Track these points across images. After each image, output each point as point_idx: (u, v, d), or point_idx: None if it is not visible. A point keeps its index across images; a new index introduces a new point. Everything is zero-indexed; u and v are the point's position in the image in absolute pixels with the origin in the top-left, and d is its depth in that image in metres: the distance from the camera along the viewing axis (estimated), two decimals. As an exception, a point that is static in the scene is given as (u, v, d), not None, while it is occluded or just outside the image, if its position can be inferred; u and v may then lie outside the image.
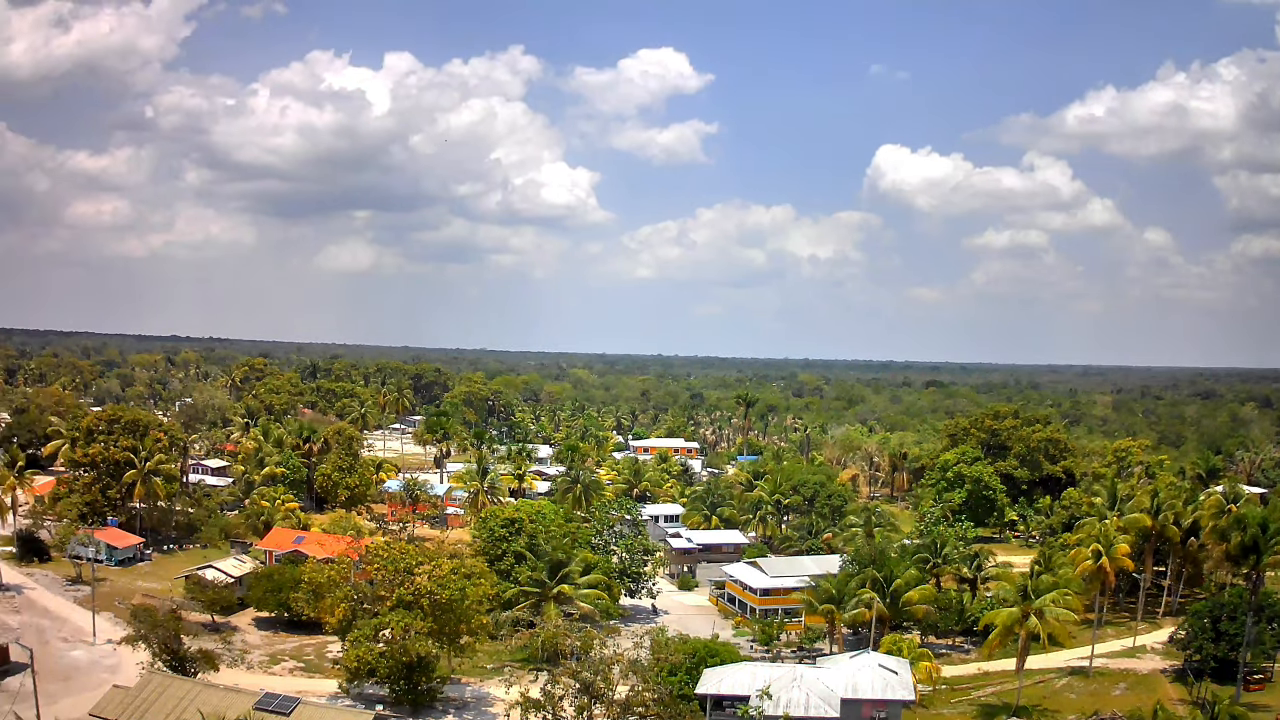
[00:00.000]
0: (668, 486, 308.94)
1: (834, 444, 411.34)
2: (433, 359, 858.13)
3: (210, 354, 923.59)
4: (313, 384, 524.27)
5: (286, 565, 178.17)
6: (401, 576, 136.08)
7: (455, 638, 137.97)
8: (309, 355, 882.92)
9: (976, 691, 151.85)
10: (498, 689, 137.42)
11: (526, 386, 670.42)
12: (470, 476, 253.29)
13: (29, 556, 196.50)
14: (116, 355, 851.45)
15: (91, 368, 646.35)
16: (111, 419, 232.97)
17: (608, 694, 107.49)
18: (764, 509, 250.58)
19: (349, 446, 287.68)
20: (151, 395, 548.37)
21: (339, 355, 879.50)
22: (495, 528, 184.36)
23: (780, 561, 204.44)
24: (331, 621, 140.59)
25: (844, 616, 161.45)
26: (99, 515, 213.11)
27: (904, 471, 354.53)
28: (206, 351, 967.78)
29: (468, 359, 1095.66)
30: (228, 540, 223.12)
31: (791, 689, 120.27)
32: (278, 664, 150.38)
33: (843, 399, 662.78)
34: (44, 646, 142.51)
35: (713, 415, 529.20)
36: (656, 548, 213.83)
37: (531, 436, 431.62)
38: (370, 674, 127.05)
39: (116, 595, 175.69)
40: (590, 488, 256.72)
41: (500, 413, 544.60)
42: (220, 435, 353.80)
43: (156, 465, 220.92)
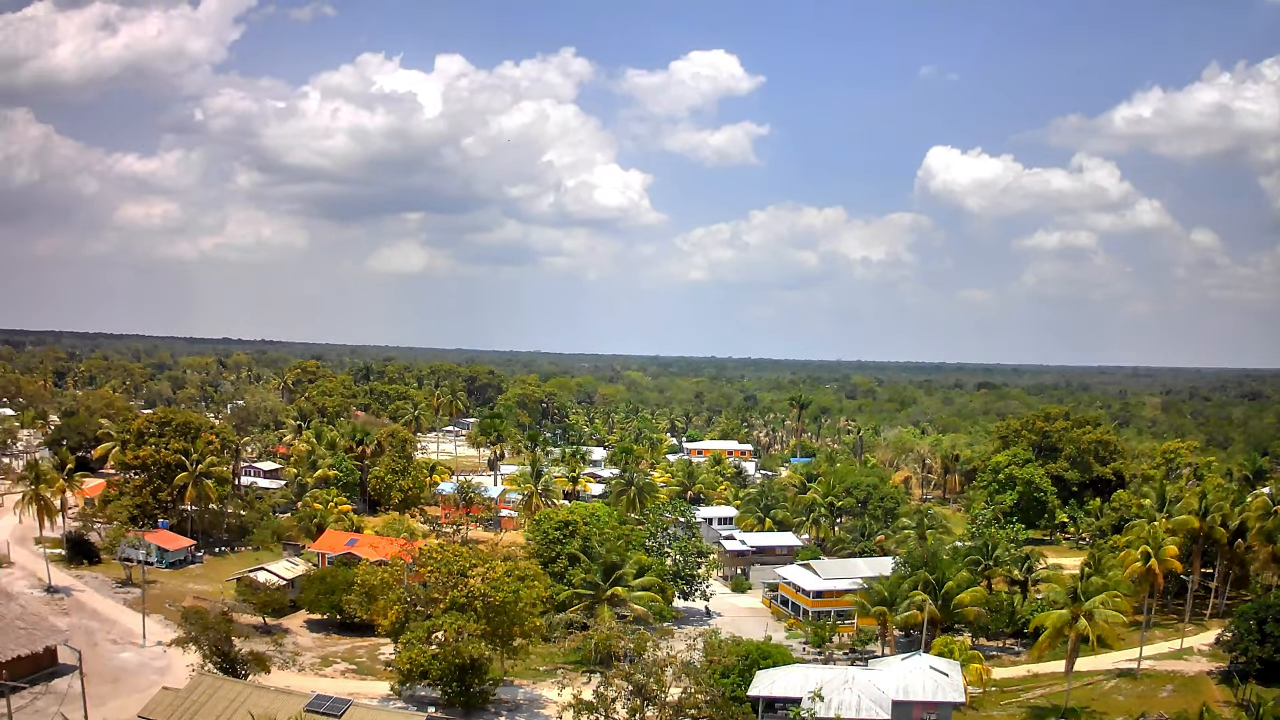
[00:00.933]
0: (721, 489, 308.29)
1: (887, 446, 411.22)
2: (486, 361, 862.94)
3: (262, 356, 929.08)
4: (366, 386, 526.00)
5: (339, 568, 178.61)
6: (455, 579, 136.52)
7: (508, 640, 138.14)
8: (362, 358, 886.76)
9: (1026, 694, 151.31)
10: (550, 691, 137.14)
11: (580, 389, 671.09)
12: (524, 479, 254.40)
13: (78, 559, 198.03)
14: (168, 358, 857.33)
15: (142, 370, 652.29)
16: (163, 421, 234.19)
17: (660, 696, 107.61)
18: (817, 511, 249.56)
19: (402, 449, 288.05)
20: (203, 398, 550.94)
21: (392, 358, 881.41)
22: (549, 530, 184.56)
23: (833, 564, 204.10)
24: (384, 624, 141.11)
25: (896, 618, 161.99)
26: (149, 518, 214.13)
27: (956, 474, 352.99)
28: (258, 354, 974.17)
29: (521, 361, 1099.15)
30: (280, 543, 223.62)
31: (843, 691, 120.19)
32: (329, 666, 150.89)
33: (895, 401, 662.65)
34: (93, 648, 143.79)
35: (766, 417, 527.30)
36: (710, 550, 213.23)
37: (585, 439, 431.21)
38: (423, 676, 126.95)
39: (167, 597, 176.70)
40: (644, 490, 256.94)
41: (554, 415, 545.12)
42: (272, 438, 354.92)
43: (208, 468, 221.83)
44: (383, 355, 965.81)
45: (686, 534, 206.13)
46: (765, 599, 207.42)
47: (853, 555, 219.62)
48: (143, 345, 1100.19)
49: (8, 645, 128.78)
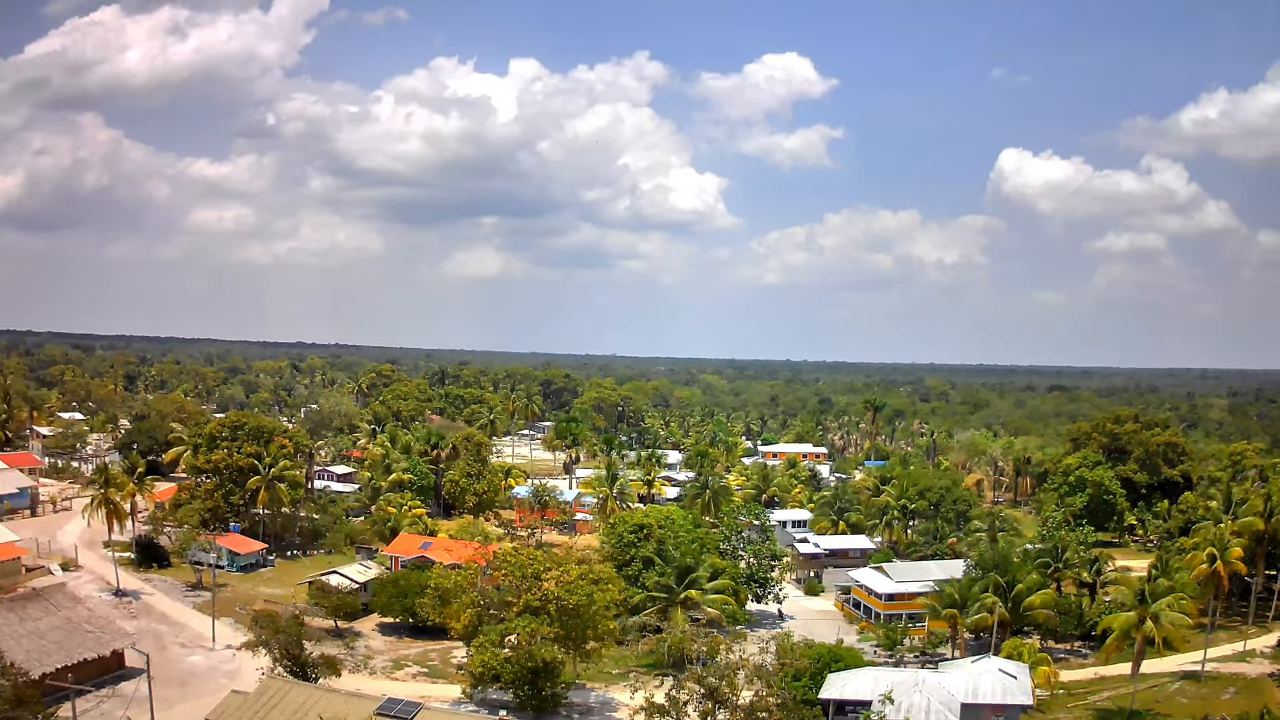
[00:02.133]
0: (796, 492, 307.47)
1: (959, 449, 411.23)
2: (562, 365, 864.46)
3: (337, 360, 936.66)
4: (441, 390, 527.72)
5: (413, 571, 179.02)
6: (529, 582, 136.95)
7: (581, 643, 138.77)
8: (437, 361, 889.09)
9: (1092, 696, 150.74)
10: (622, 694, 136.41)
11: (656, 392, 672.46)
12: (599, 482, 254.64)
13: (148, 562, 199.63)
14: (240, 362, 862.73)
15: (215, 374, 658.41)
16: (235, 425, 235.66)
17: (732, 699, 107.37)
18: (890, 514, 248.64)
19: (477, 453, 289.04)
20: (276, 402, 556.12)
21: (468, 361, 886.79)
22: (624, 533, 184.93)
23: (905, 566, 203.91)
24: (457, 627, 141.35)
25: (966, 621, 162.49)
26: (221, 521, 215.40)
27: (1027, 476, 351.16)
28: (333, 358, 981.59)
29: (597, 365, 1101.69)
30: (353, 546, 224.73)
31: (913, 693, 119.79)
32: (401, 669, 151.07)
33: (968, 404, 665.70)
34: (161, 652, 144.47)
35: (841, 420, 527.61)
36: (784, 553, 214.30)
37: (661, 442, 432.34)
38: (494, 679, 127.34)
39: (237, 601, 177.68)
40: (719, 493, 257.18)
41: (630, 419, 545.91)
42: (346, 441, 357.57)
43: (281, 471, 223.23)
44: (458, 359, 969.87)
45: (761, 537, 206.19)
46: (838, 602, 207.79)
47: (925, 558, 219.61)
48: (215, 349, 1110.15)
49: (74, 648, 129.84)
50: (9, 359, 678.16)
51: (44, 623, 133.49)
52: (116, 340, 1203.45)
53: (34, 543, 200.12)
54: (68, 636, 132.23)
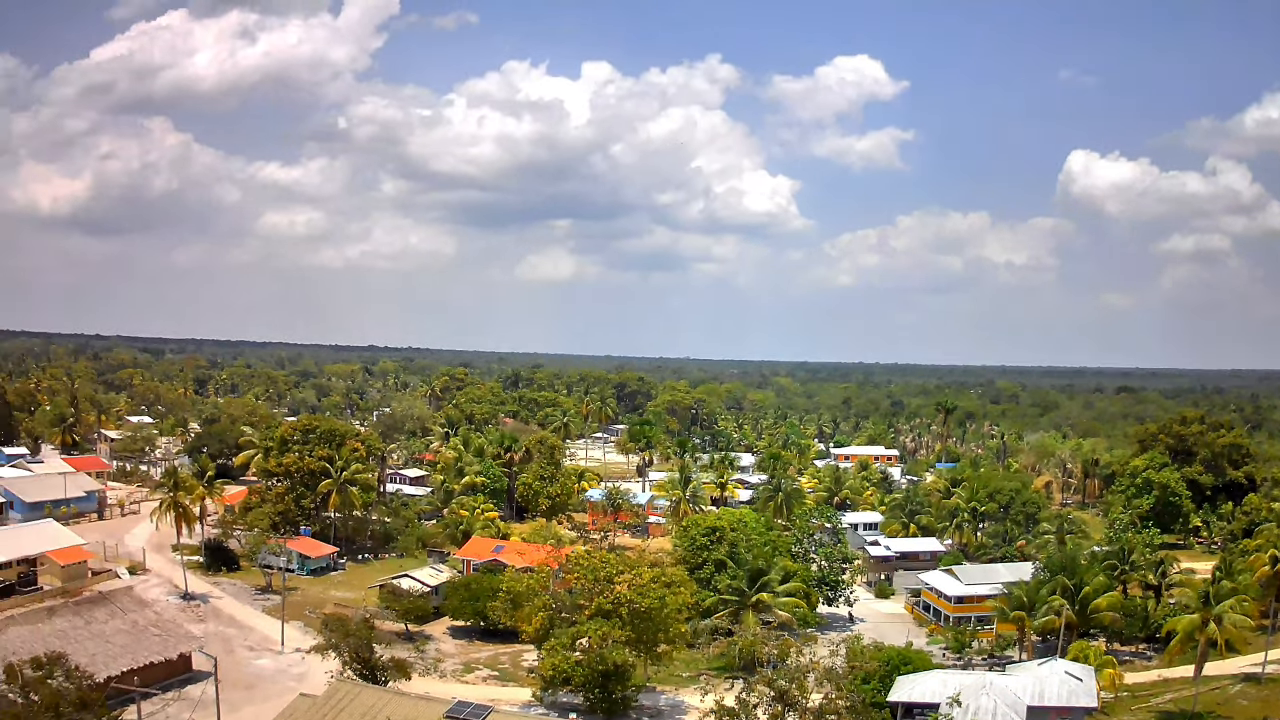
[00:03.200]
0: (867, 495, 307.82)
1: (1029, 451, 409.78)
2: (636, 368, 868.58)
3: (409, 364, 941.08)
4: (515, 393, 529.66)
5: (484, 574, 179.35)
6: (601, 585, 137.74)
7: (653, 646, 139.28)
8: (511, 364, 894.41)
9: (1155, 698, 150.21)
10: (692, 697, 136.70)
11: (729, 395, 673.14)
12: (672, 485, 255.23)
13: (217, 566, 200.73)
14: (312, 365, 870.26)
15: (286, 378, 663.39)
16: (307, 429, 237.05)
17: (801, 701, 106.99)
18: (960, 516, 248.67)
19: (551, 455, 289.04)
20: (348, 405, 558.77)
21: (541, 364, 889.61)
22: (697, 536, 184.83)
23: (975, 569, 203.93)
24: (529, 630, 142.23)
25: (1034, 624, 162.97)
26: (292, 525, 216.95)
27: (1095, 478, 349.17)
28: (405, 361, 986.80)
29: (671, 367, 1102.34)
30: (425, 549, 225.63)
31: (980, 696, 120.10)
32: (471, 673, 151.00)
33: (1037, 406, 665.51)
34: (229, 655, 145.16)
35: (912, 423, 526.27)
36: (855, 556, 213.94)
37: (734, 445, 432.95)
38: (565, 682, 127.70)
39: (307, 604, 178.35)
40: (791, 496, 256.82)
41: (703, 421, 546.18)
42: (419, 445, 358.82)
43: (353, 475, 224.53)
44: (532, 362, 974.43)
45: (832, 540, 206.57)
46: (907, 604, 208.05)
47: (994, 560, 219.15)
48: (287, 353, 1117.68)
49: (140, 652, 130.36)
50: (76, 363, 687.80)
51: (110, 626, 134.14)
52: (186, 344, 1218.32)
53: (101, 546, 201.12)
54: (134, 640, 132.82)
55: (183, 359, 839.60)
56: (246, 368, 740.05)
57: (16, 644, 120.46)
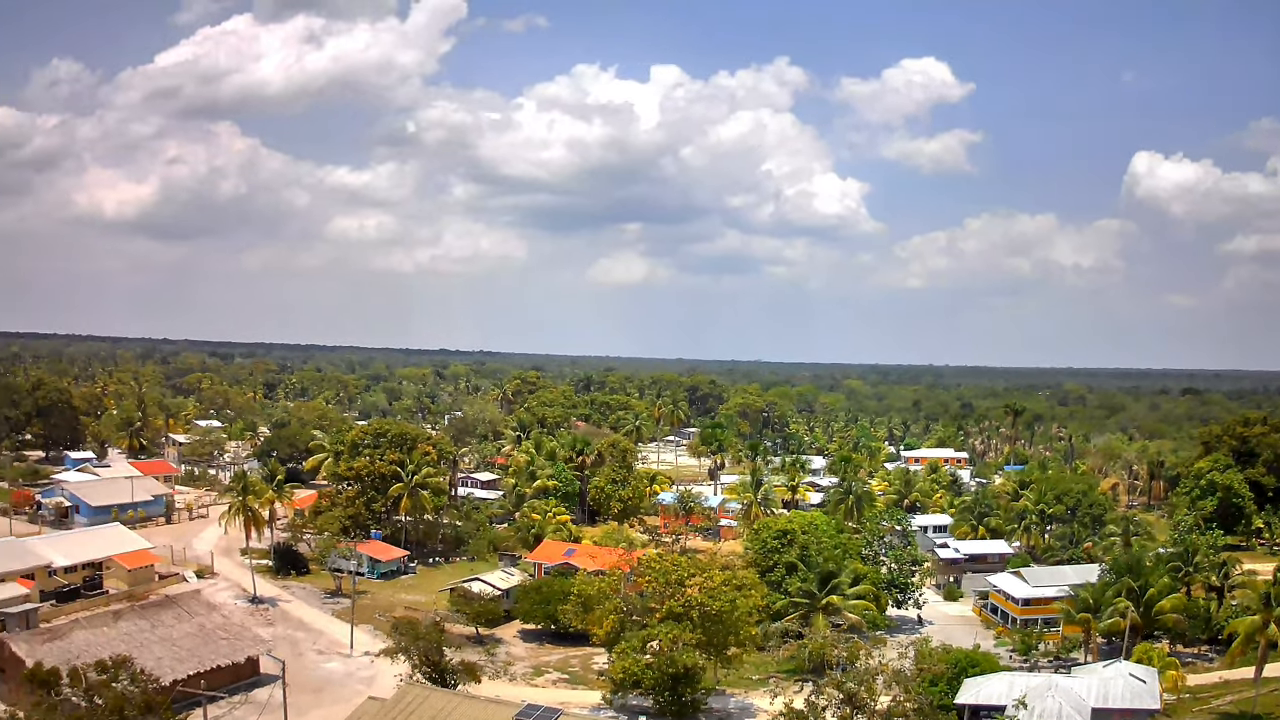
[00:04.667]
0: (937, 497, 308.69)
1: (1096, 452, 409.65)
2: (708, 371, 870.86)
3: (481, 368, 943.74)
4: (587, 397, 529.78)
5: (556, 578, 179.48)
6: (673, 588, 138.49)
7: (723, 649, 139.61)
8: (583, 368, 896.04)
9: (1216, 700, 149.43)
10: (762, 700, 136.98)
11: (801, 398, 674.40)
12: (744, 488, 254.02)
13: (286, 570, 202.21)
14: (383, 369, 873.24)
15: (357, 382, 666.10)
16: (378, 432, 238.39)
17: (870, 704, 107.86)
18: (1028, 519, 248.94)
19: (623, 459, 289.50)
20: (420, 409, 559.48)
21: (613, 368, 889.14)
22: (768, 539, 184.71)
23: (1042, 571, 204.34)
24: (599, 633, 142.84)
25: (1099, 625, 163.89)
26: (362, 528, 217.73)
27: (1160, 480, 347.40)
28: (477, 365, 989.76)
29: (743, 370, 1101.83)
30: (496, 553, 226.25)
31: (1045, 698, 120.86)
32: (541, 676, 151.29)
33: (1104, 407, 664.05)
34: (297, 658, 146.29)
35: (981, 425, 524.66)
36: (925, 558, 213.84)
37: (805, 448, 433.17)
38: (635, 685, 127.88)
39: (377, 608, 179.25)
40: (862, 499, 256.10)
41: (775, 424, 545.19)
42: (491, 448, 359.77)
43: (424, 479, 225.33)
44: (604, 365, 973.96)
45: (902, 542, 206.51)
46: (975, 607, 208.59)
47: (1061, 563, 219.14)
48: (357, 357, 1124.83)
49: (207, 655, 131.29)
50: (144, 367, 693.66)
51: (176, 629, 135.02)
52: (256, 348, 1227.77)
53: (169, 550, 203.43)
54: (201, 643, 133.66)
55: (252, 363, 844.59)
56: (316, 371, 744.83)
57: (81, 647, 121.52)
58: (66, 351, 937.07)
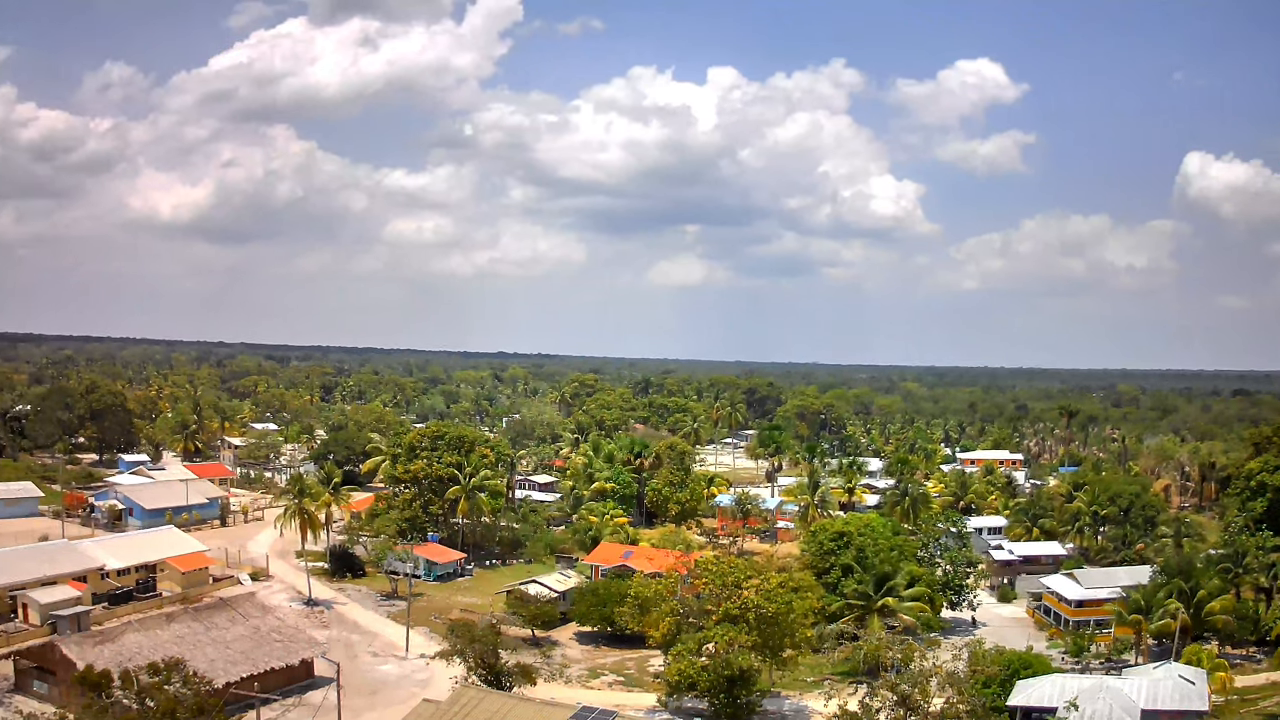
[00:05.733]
0: (992, 499, 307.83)
1: (1148, 454, 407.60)
2: (766, 373, 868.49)
3: (539, 370, 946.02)
4: (645, 399, 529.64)
5: (613, 580, 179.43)
6: (729, 590, 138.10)
7: (778, 651, 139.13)
8: (641, 370, 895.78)
9: (1264, 701, 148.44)
10: (816, 702, 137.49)
11: (858, 400, 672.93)
12: (801, 490, 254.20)
13: (342, 572, 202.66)
14: (441, 372, 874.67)
15: (414, 384, 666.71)
16: (435, 435, 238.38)
17: (923, 706, 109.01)
18: (1082, 520, 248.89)
19: (680, 461, 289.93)
20: (478, 411, 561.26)
21: (671, 370, 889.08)
22: (824, 541, 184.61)
23: (1095, 573, 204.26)
24: (655, 635, 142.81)
25: (1150, 627, 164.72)
26: (419, 531, 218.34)
27: (1212, 481, 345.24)
28: (535, 368, 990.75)
29: (800, 373, 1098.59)
30: (553, 555, 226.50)
31: (1096, 699, 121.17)
32: (597, 678, 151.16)
33: (1157, 409, 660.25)
34: (352, 661, 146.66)
35: (1036, 427, 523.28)
36: (979, 560, 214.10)
37: (862, 450, 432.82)
38: (690, 688, 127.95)
39: (433, 610, 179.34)
40: (918, 501, 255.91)
41: (832, 426, 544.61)
42: (549, 451, 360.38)
43: (481, 481, 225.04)
44: (662, 368, 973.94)
45: (957, 544, 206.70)
46: (1029, 609, 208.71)
47: (1114, 564, 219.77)
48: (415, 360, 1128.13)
49: (261, 658, 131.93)
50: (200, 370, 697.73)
51: (230, 632, 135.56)
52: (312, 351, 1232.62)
53: (223, 553, 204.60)
54: (255, 646, 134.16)
55: (308, 366, 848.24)
56: (374, 374, 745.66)
57: (133, 650, 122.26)
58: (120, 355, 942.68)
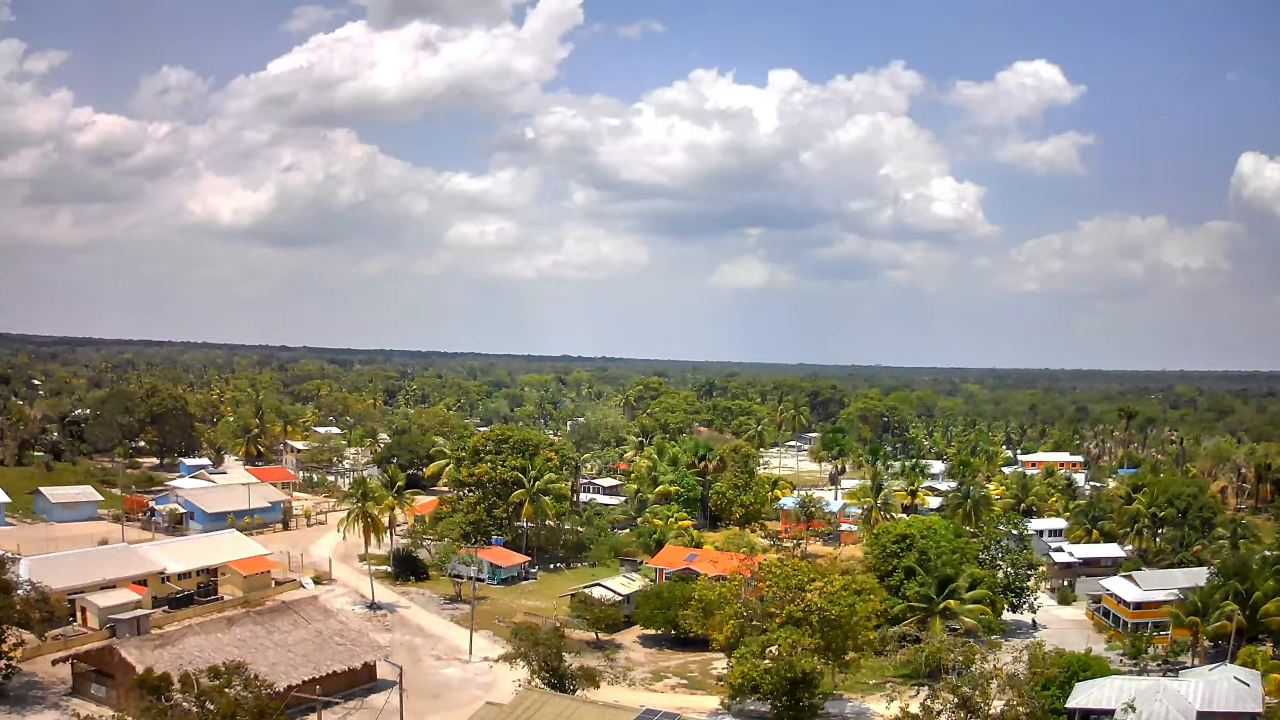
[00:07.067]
0: (1053, 501, 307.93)
1: (1205, 455, 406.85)
2: (828, 375, 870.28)
3: (603, 373, 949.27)
4: (709, 402, 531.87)
5: (677, 583, 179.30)
6: (793, 593, 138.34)
7: (841, 653, 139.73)
8: (705, 373, 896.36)
9: None
10: (878, 704, 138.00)
11: (920, 402, 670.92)
12: (864, 493, 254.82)
13: (405, 576, 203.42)
14: (505, 375, 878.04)
15: (478, 388, 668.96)
16: (500, 438, 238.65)
17: (984, 708, 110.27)
18: (1140, 522, 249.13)
19: (745, 464, 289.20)
20: (542, 415, 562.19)
21: (735, 373, 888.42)
22: (887, 544, 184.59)
23: (1153, 575, 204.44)
24: (719, 638, 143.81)
25: (1207, 629, 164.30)
26: (483, 535, 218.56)
27: (1268, 483, 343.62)
28: (599, 371, 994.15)
29: (863, 375, 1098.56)
30: (617, 559, 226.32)
31: (1153, 701, 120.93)
32: (660, 681, 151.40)
33: (1214, 410, 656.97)
34: (415, 664, 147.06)
35: (1095, 429, 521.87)
36: (1040, 562, 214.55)
37: (925, 452, 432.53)
38: (753, 690, 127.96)
39: (496, 614, 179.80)
40: (979, 503, 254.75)
41: (895, 429, 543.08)
42: (613, 454, 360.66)
43: (546, 485, 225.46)
44: (725, 370, 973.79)
45: (1018, 546, 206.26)
46: (1088, 611, 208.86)
47: (1171, 566, 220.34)
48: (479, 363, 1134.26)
49: (322, 661, 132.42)
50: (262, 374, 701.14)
51: (292, 635, 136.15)
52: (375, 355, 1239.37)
53: (286, 556, 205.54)
54: (316, 649, 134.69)
55: (372, 370, 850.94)
56: (437, 378, 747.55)
57: (193, 653, 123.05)
58: (181, 358, 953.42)
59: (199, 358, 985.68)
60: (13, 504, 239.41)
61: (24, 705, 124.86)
